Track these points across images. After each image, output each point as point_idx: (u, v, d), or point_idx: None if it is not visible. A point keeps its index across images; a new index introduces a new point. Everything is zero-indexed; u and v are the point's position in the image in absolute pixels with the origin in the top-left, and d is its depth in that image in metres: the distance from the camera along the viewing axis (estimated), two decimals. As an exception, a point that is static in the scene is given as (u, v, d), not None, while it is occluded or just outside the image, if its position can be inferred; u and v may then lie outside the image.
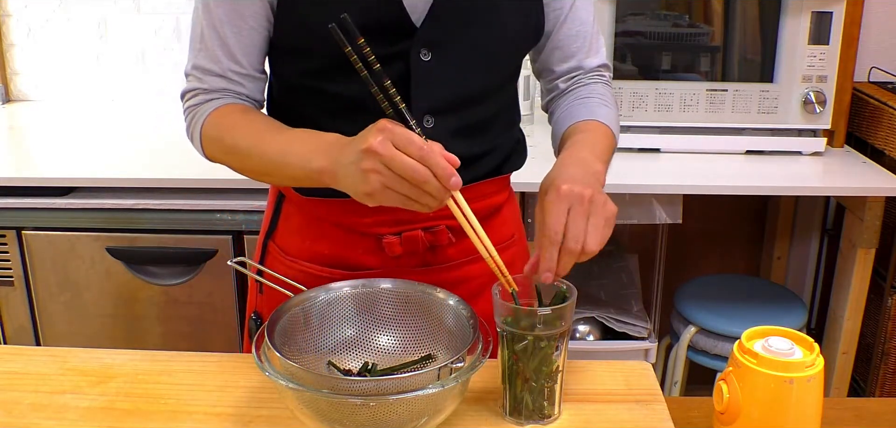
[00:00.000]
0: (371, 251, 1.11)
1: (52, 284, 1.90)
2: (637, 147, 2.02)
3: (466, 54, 1.06)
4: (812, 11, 1.92)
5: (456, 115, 1.07)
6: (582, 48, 1.16)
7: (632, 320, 2.11)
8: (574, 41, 1.16)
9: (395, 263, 1.11)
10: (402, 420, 0.86)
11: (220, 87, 1.05)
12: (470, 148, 1.09)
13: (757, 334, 0.92)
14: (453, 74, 1.05)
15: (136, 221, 1.85)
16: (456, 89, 1.06)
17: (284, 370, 0.86)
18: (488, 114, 1.12)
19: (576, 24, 1.15)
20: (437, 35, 1.03)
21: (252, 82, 1.07)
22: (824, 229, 2.42)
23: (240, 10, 1.02)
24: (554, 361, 0.92)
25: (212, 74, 1.05)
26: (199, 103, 1.06)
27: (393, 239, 1.10)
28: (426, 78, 1.03)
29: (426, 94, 1.04)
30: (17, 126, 2.26)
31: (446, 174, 0.85)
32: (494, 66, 1.10)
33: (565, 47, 1.16)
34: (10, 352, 1.11)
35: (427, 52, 1.03)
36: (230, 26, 1.03)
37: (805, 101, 1.96)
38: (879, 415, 1.03)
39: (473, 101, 1.09)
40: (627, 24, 1.97)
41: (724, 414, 0.91)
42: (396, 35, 1.02)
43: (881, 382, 2.11)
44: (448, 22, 1.03)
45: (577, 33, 1.15)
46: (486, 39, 1.06)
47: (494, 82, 1.11)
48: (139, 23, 2.40)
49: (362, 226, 1.10)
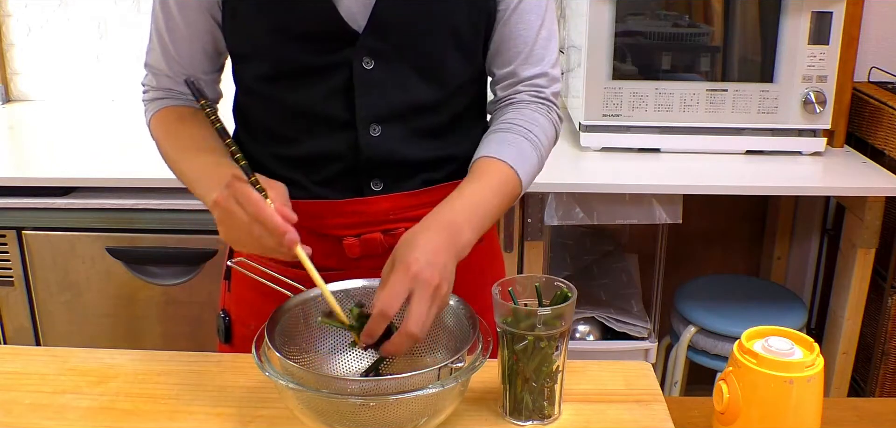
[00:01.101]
0: (331, 253, 1.11)
1: (52, 284, 1.90)
2: (637, 147, 2.02)
3: (410, 62, 1.05)
4: (812, 11, 1.92)
5: (404, 122, 1.07)
6: (519, 54, 1.09)
7: (632, 320, 2.11)
8: (511, 45, 1.09)
9: (355, 264, 1.11)
10: (402, 420, 0.86)
11: (166, 86, 1.13)
12: (426, 152, 1.10)
13: (757, 334, 0.92)
14: (397, 83, 1.05)
15: (136, 221, 1.85)
16: (401, 97, 1.06)
17: (284, 370, 0.86)
18: (443, 120, 1.10)
19: (517, 27, 1.08)
20: (379, 43, 1.03)
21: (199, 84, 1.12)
22: (824, 229, 2.42)
23: (176, 20, 1.07)
24: (554, 361, 0.92)
25: (160, 74, 1.13)
26: (149, 100, 1.15)
27: (353, 241, 1.10)
28: (369, 86, 1.04)
29: (370, 103, 1.05)
30: (17, 126, 2.26)
31: (279, 233, 0.90)
32: (441, 72, 1.07)
33: (503, 51, 1.10)
34: (10, 352, 1.11)
35: (369, 61, 1.03)
36: (169, 33, 1.09)
37: (805, 101, 1.96)
38: (879, 415, 1.03)
39: (423, 109, 1.08)
40: (627, 24, 1.97)
41: (724, 414, 0.91)
42: (338, 43, 1.03)
43: (881, 382, 2.11)
44: (389, 30, 1.03)
45: (517, 37, 1.09)
46: (429, 46, 1.05)
47: (445, 89, 1.09)
48: (139, 22, 2.40)
49: (323, 227, 1.10)
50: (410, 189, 1.10)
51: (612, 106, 1.98)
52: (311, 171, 1.09)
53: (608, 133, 2.00)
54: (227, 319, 1.19)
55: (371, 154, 1.07)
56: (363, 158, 1.07)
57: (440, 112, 1.10)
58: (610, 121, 1.99)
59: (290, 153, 1.10)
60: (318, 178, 1.09)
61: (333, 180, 1.09)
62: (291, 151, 1.09)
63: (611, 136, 2.01)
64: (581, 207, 1.90)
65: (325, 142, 1.08)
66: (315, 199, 1.09)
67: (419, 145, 1.09)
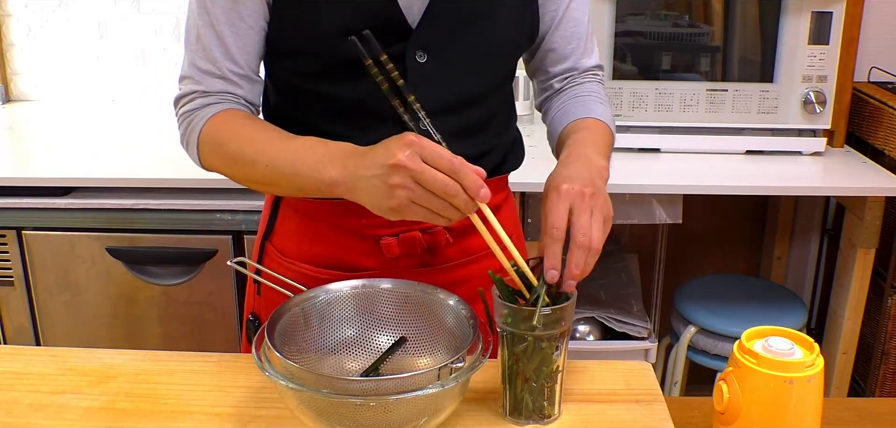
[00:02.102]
0: (369, 253, 1.11)
1: (52, 284, 1.90)
2: (637, 147, 2.02)
3: (462, 56, 1.06)
4: (812, 11, 1.92)
5: (452, 116, 1.07)
6: (577, 50, 1.16)
7: (632, 320, 2.11)
8: (569, 43, 1.16)
9: (393, 264, 1.11)
10: (402, 420, 0.86)
11: (219, 89, 1.03)
12: (467, 149, 1.09)
13: (757, 334, 0.92)
14: (449, 76, 1.05)
15: (136, 221, 1.85)
16: (452, 91, 1.06)
17: (284, 370, 0.86)
18: (485, 115, 1.12)
19: (571, 26, 1.15)
20: (433, 37, 1.03)
21: (250, 85, 1.05)
22: (824, 229, 2.42)
23: (238, 9, 1.01)
24: (554, 361, 0.92)
25: (210, 75, 1.03)
26: (197, 109, 1.03)
27: (391, 240, 1.09)
28: (422, 80, 1.03)
29: (422, 96, 1.04)
30: (17, 126, 2.26)
31: (476, 187, 0.85)
32: (490, 67, 1.10)
33: (560, 49, 1.16)
34: (10, 352, 1.11)
35: (423, 54, 1.03)
36: (228, 25, 1.01)
37: (805, 101, 1.96)
38: (879, 415, 1.03)
39: (470, 103, 1.09)
40: (627, 24, 1.97)
41: (724, 414, 0.91)
42: (392, 36, 1.01)
43: (881, 382, 2.11)
44: (443, 24, 1.03)
45: (572, 35, 1.15)
46: (481, 41, 1.06)
47: (490, 84, 1.11)
48: (139, 22, 2.40)
49: (360, 227, 1.10)
50: None
51: (613, 106, 1.98)
52: None
53: (608, 133, 2.00)
54: (256, 322, 1.17)
55: None
56: None
57: (485, 106, 1.11)
58: (610, 121, 1.99)
59: None
60: None
61: None
62: None
63: (611, 136, 2.01)
64: (581, 207, 1.89)
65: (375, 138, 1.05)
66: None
67: (464, 141, 1.08)
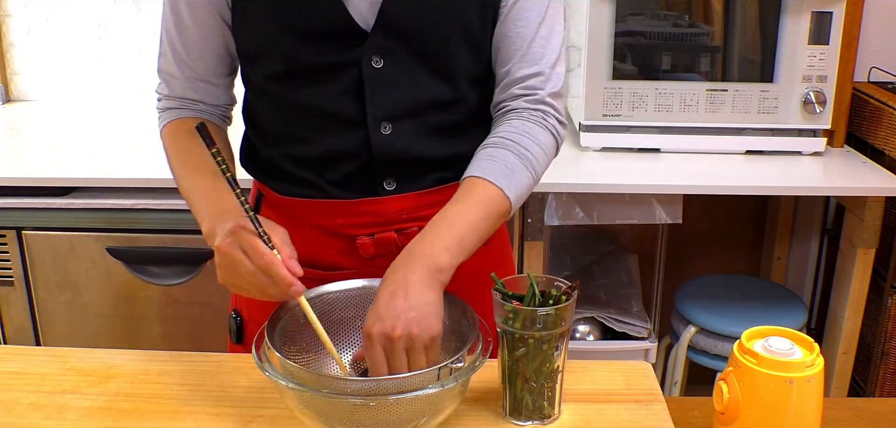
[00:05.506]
0: (345, 252, 1.11)
1: (52, 284, 1.90)
2: (637, 147, 2.02)
3: (419, 60, 1.05)
4: (812, 11, 1.92)
5: (415, 120, 1.07)
6: (516, 53, 1.06)
7: (632, 320, 2.11)
8: (508, 43, 1.06)
9: (370, 263, 1.11)
10: (402, 420, 0.86)
11: (179, 93, 1.12)
12: (437, 150, 1.10)
13: (757, 334, 0.92)
14: (408, 80, 1.05)
15: (136, 221, 1.85)
16: (411, 94, 1.06)
17: (284, 370, 0.86)
18: (456, 117, 1.10)
19: (516, 25, 1.05)
20: (388, 41, 1.03)
21: (210, 87, 1.13)
22: (824, 229, 2.42)
23: (186, 22, 1.07)
24: (554, 361, 0.92)
25: (172, 77, 1.12)
26: (162, 110, 1.14)
27: (366, 240, 1.10)
28: (379, 84, 1.04)
29: (380, 101, 1.05)
30: (17, 126, 2.26)
31: (285, 284, 0.91)
32: (451, 69, 1.07)
33: (502, 50, 1.07)
34: (10, 352, 1.11)
35: (379, 59, 1.03)
36: (179, 35, 1.08)
37: (805, 101, 1.96)
38: (879, 415, 1.03)
39: (435, 106, 1.08)
40: (627, 24, 1.97)
41: (724, 414, 0.91)
42: (347, 42, 1.02)
43: (881, 382, 2.11)
44: (397, 28, 1.02)
45: (515, 35, 1.05)
46: (438, 43, 1.05)
47: (456, 86, 1.08)
48: (138, 22, 2.40)
49: (337, 227, 1.11)
50: (423, 188, 1.10)
51: (613, 106, 1.98)
52: (323, 170, 1.09)
53: (608, 133, 2.01)
54: (238, 319, 1.19)
55: (383, 152, 1.07)
56: (375, 157, 1.07)
57: (452, 109, 1.09)
58: (610, 121, 1.99)
59: (303, 153, 1.09)
60: (331, 177, 1.09)
61: (347, 180, 1.09)
62: (303, 151, 1.09)
63: (611, 136, 2.01)
64: (581, 207, 1.90)
65: (337, 141, 1.08)
66: (328, 199, 1.09)
67: (431, 143, 1.08)
